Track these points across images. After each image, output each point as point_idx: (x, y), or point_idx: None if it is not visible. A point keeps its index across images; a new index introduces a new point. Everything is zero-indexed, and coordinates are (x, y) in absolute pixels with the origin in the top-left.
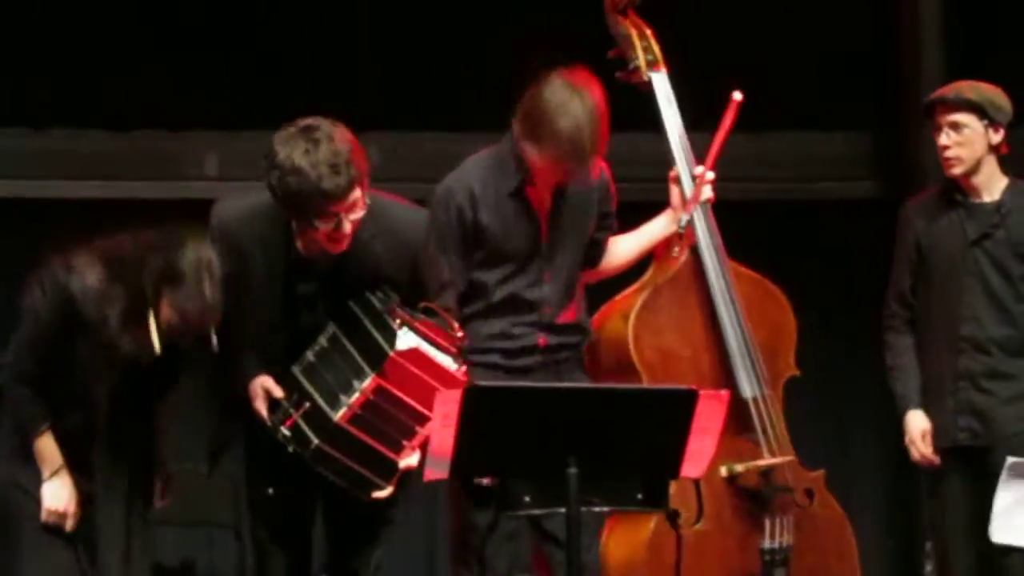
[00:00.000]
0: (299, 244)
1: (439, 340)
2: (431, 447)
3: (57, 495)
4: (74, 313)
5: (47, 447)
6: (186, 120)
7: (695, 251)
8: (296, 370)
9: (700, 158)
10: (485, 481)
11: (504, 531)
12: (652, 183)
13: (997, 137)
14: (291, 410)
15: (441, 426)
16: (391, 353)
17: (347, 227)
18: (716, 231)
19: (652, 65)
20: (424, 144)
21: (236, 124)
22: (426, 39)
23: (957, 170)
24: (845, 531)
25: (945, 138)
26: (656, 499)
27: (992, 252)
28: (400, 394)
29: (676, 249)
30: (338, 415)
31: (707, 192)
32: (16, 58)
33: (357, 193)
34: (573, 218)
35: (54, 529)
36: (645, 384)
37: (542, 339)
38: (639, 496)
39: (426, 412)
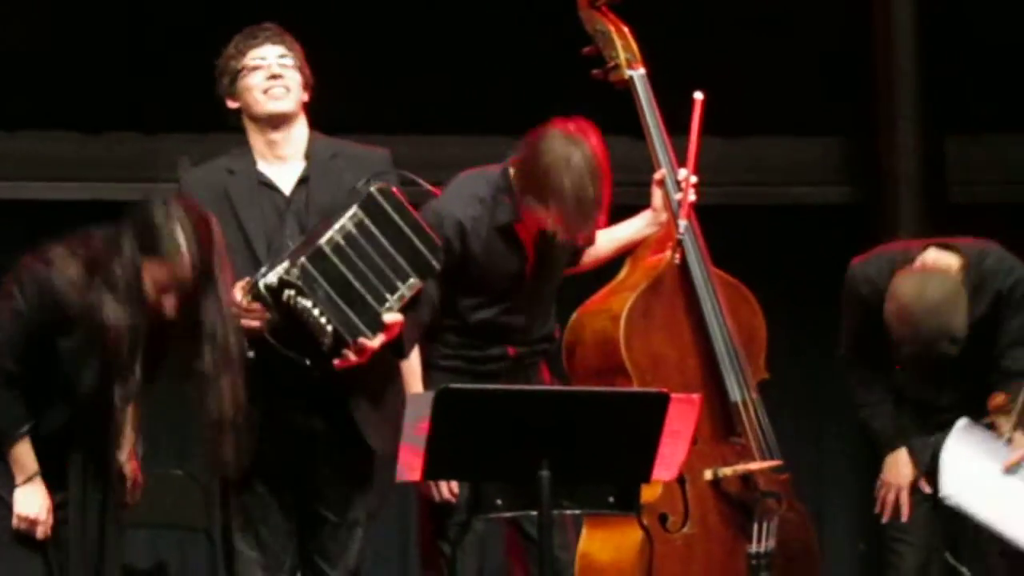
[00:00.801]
0: (260, 161)
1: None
2: (402, 450)
3: (29, 502)
4: (57, 306)
5: (24, 453)
6: (160, 122)
7: (682, 255)
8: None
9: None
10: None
11: (474, 534)
12: (625, 187)
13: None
14: (264, 271)
15: (413, 429)
16: (371, 189)
17: (277, 69)
18: (699, 235)
19: (631, 63)
20: (399, 146)
21: (209, 126)
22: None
23: None
24: (811, 531)
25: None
26: (628, 503)
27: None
28: (381, 238)
29: (676, 256)
30: (322, 240)
31: (692, 195)
32: None
33: (283, 49)
34: (559, 252)
35: (25, 537)
36: (635, 386)
37: (512, 349)
38: (611, 499)
39: (407, 266)
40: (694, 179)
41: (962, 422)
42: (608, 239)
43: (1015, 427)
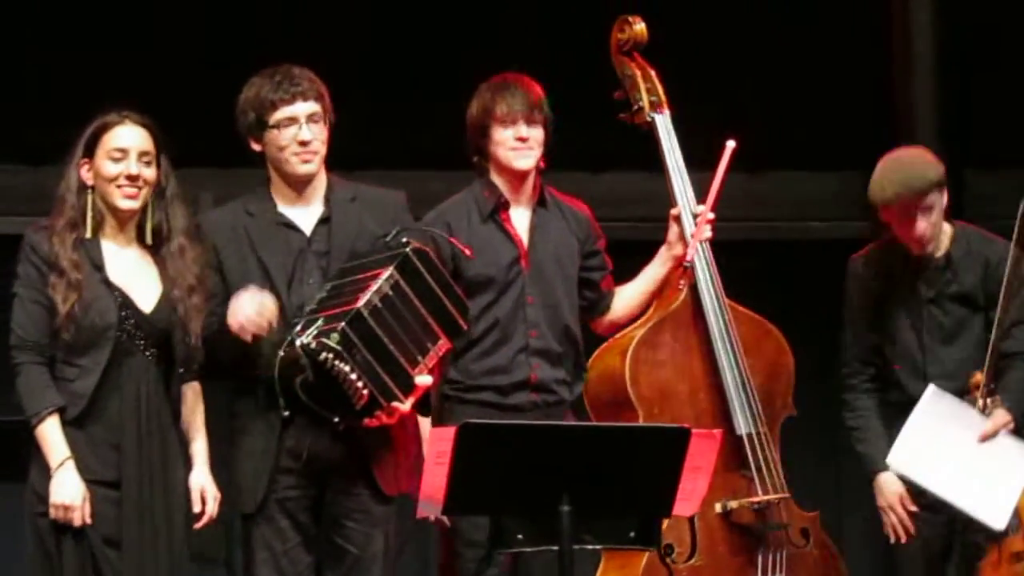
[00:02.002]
0: (280, 204)
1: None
2: (423, 484)
3: (65, 489)
4: (40, 254)
5: (54, 436)
6: (181, 157)
7: (694, 289)
8: (297, 319)
9: (698, 197)
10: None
11: (495, 566)
12: (647, 222)
13: (945, 197)
14: (299, 331)
15: (434, 463)
16: (407, 250)
17: (307, 134)
18: (715, 270)
19: (655, 107)
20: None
21: (231, 161)
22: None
23: (930, 248)
24: (840, 571)
25: (923, 223)
26: (649, 537)
27: (948, 307)
28: (415, 299)
29: (682, 283)
30: (360, 304)
31: (707, 231)
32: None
33: (313, 106)
34: (552, 247)
35: (64, 527)
36: (641, 420)
37: (534, 374)
38: (632, 534)
39: (437, 328)
40: (711, 215)
41: (931, 389)
42: (631, 292)
43: (993, 402)
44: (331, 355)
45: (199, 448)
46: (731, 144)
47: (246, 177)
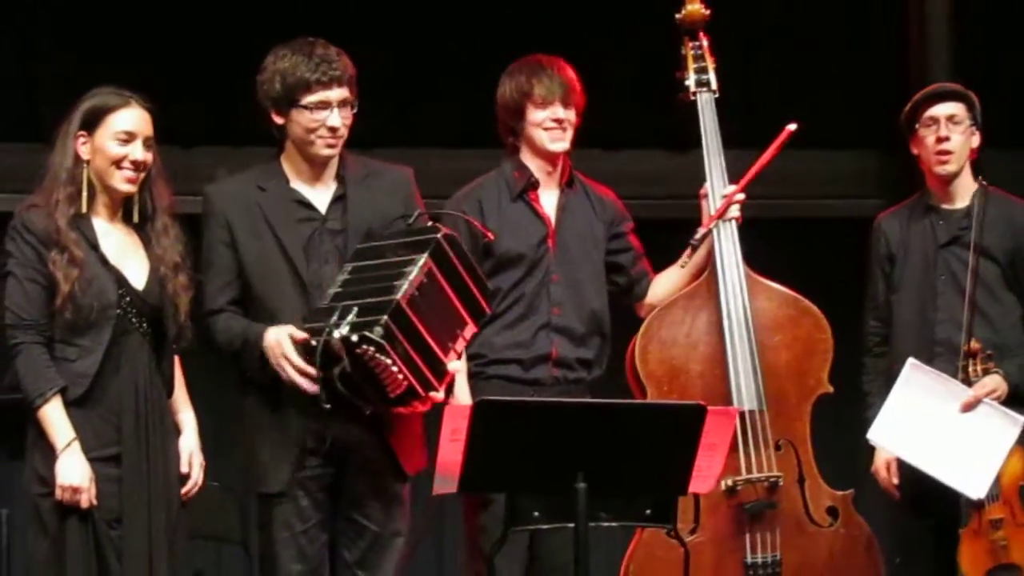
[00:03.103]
0: (293, 179)
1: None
2: (439, 461)
3: (71, 470)
4: (34, 232)
5: (58, 417)
6: (196, 135)
7: (714, 268)
8: (323, 303)
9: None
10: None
11: (516, 541)
12: (663, 200)
13: (976, 140)
14: (337, 320)
15: (449, 440)
16: (438, 236)
17: (337, 121)
18: (738, 248)
19: (700, 86)
20: (431, 160)
21: (245, 139)
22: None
23: (952, 167)
24: (872, 552)
25: (944, 130)
26: (664, 515)
27: (963, 256)
28: (446, 286)
29: (687, 254)
30: (400, 295)
31: (733, 211)
32: (25, 73)
33: (345, 91)
34: (579, 229)
35: (69, 507)
36: (649, 397)
37: (555, 350)
38: (647, 512)
39: (464, 313)
40: (741, 196)
41: (910, 362)
42: (671, 276)
43: (985, 369)
44: (373, 348)
45: (188, 418)
46: (791, 127)
47: (260, 157)
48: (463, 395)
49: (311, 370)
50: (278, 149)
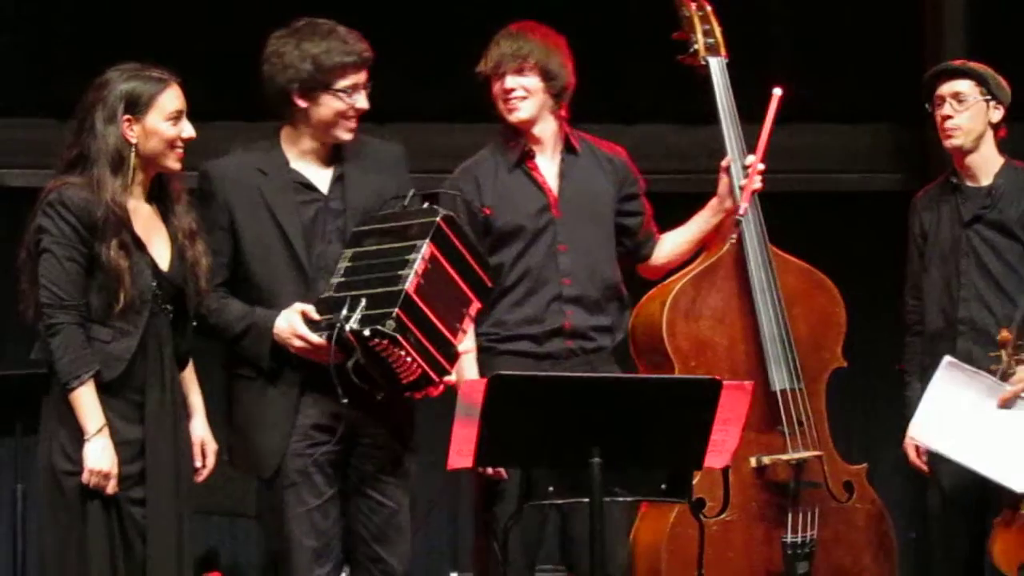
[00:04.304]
0: (293, 160)
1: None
2: (453, 436)
3: (101, 455)
4: (77, 212)
5: (91, 401)
6: (211, 110)
7: (740, 240)
8: (328, 293)
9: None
10: None
11: (528, 520)
12: (679, 174)
13: (997, 115)
14: (347, 313)
15: (465, 415)
16: (437, 219)
17: (364, 103)
18: (761, 221)
19: (711, 49)
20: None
21: (259, 115)
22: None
23: (957, 140)
24: (884, 526)
25: (948, 108)
26: (680, 490)
27: (985, 233)
28: (449, 268)
29: (733, 236)
30: (407, 284)
31: (757, 182)
32: (40, 49)
33: (366, 75)
34: (584, 193)
35: (94, 492)
36: (676, 371)
37: (567, 321)
38: (663, 487)
39: (468, 291)
40: (761, 166)
41: (946, 360)
42: (678, 238)
43: (1019, 360)
44: (385, 340)
45: (196, 400)
46: (777, 92)
47: (270, 132)
48: (469, 371)
49: (321, 341)
50: (277, 127)
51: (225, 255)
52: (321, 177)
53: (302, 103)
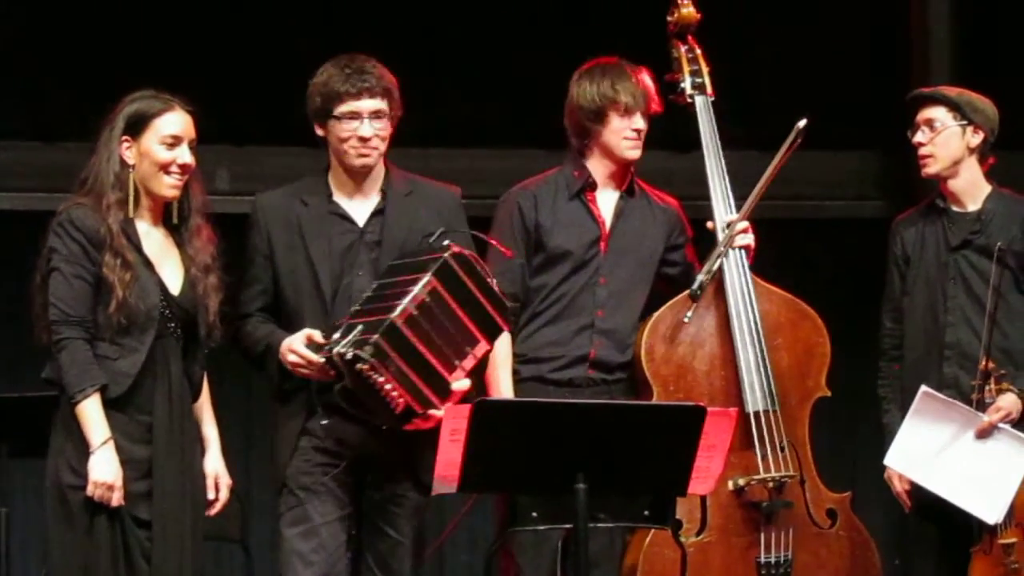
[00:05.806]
0: (336, 192)
1: (486, 269)
2: (438, 462)
3: (106, 467)
4: (83, 230)
5: (97, 414)
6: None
7: (719, 269)
8: (340, 321)
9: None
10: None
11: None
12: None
13: (976, 139)
14: (338, 337)
15: (449, 441)
16: (446, 256)
17: (368, 131)
18: (747, 272)
19: (697, 88)
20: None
21: (246, 138)
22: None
23: (931, 168)
24: (869, 554)
25: (920, 135)
26: (663, 515)
27: (972, 258)
28: (453, 304)
29: (688, 312)
30: (395, 314)
31: (739, 240)
32: (31, 72)
33: (379, 102)
34: (634, 236)
35: (99, 504)
36: (656, 397)
37: (593, 350)
38: (646, 512)
39: (476, 332)
40: (743, 224)
41: (923, 390)
42: None
43: (999, 388)
44: (366, 366)
45: (212, 433)
46: (801, 124)
47: (260, 155)
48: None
49: (316, 358)
50: (327, 162)
51: (264, 282)
52: (360, 210)
53: (320, 132)
